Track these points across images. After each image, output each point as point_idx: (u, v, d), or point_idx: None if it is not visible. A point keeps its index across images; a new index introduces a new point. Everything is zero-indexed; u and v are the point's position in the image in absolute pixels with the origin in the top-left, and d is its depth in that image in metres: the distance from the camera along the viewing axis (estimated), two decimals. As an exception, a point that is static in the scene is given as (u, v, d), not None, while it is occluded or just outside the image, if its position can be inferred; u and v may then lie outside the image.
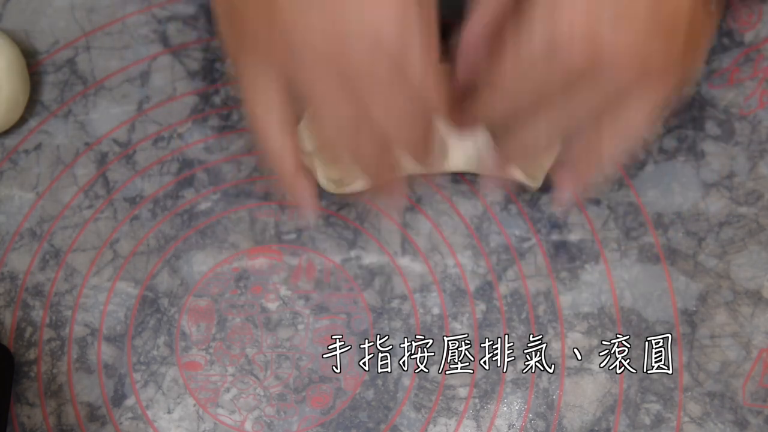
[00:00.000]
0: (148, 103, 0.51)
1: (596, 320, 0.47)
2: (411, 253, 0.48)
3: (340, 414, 0.46)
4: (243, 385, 0.46)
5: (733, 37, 0.51)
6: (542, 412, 0.46)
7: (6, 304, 0.48)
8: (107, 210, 0.49)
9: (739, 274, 0.48)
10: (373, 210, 0.49)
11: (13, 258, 0.48)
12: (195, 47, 0.52)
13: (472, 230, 0.49)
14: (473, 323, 0.47)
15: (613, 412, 0.46)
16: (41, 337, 0.47)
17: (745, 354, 0.46)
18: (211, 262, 0.48)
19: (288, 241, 0.49)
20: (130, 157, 0.50)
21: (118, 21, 0.52)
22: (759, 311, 0.47)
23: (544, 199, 0.49)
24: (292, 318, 0.47)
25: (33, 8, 0.52)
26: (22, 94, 0.49)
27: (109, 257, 0.48)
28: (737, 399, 0.46)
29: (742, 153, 0.50)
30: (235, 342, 0.47)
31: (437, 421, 0.46)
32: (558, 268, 0.48)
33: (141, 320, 0.47)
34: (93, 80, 0.51)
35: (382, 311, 0.47)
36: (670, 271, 0.48)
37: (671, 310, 0.47)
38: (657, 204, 0.49)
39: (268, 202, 0.49)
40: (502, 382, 0.46)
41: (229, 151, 0.50)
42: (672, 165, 0.50)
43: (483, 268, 0.48)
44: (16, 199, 0.49)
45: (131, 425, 0.46)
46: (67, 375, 0.47)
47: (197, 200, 0.49)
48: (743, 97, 0.51)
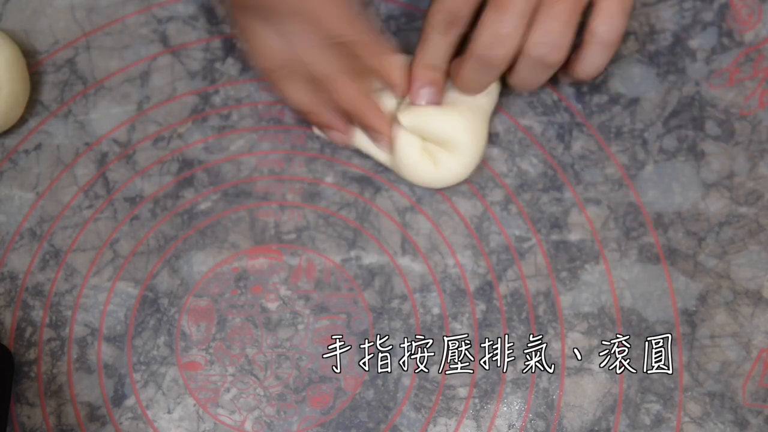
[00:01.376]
0: (148, 103, 0.51)
1: (596, 320, 0.47)
2: (411, 253, 0.48)
3: (340, 414, 0.46)
4: (243, 385, 0.47)
5: (733, 37, 0.51)
6: (542, 412, 0.46)
7: (6, 304, 0.48)
8: (107, 210, 0.49)
9: (739, 274, 0.48)
10: (373, 210, 0.49)
11: (13, 258, 0.48)
12: (195, 47, 0.52)
13: (472, 230, 0.49)
14: (473, 323, 0.47)
15: (613, 412, 0.46)
16: (41, 337, 0.47)
17: (745, 354, 0.46)
18: (211, 262, 0.48)
19: (288, 241, 0.49)
20: (130, 157, 0.50)
21: (118, 21, 0.52)
22: (759, 311, 0.47)
23: (544, 199, 0.49)
24: (292, 318, 0.47)
25: (33, 8, 0.52)
26: (22, 94, 0.49)
27: (109, 257, 0.48)
28: (737, 399, 0.46)
29: (742, 153, 0.50)
30: (235, 342, 0.47)
31: (437, 421, 0.46)
32: (558, 268, 0.48)
33: (141, 320, 0.47)
34: (93, 80, 0.51)
35: (382, 311, 0.47)
36: (670, 271, 0.48)
37: (671, 310, 0.47)
38: (657, 204, 0.49)
39: (268, 202, 0.49)
40: (502, 382, 0.46)
41: (229, 151, 0.50)
42: (672, 165, 0.50)
43: (483, 268, 0.48)
44: (16, 199, 0.49)
45: (131, 425, 0.46)
46: (67, 375, 0.47)
47: (197, 200, 0.49)
48: (743, 97, 0.51)
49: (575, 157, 0.50)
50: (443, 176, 0.48)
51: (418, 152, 0.47)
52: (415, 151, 0.47)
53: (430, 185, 0.49)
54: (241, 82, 0.51)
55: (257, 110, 0.51)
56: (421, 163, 0.47)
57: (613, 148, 0.50)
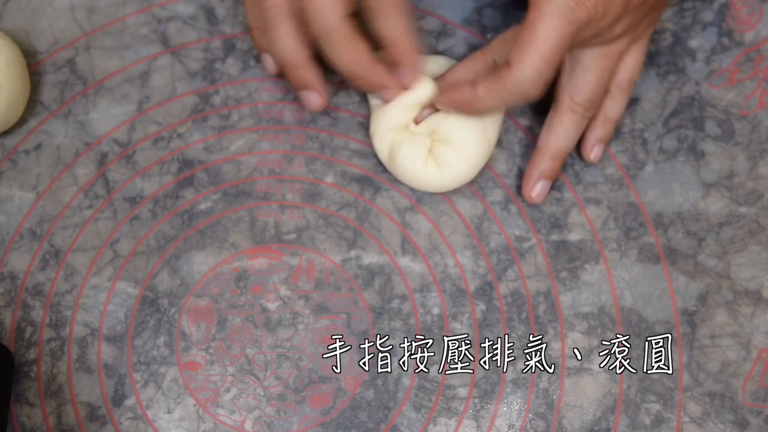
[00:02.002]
0: (148, 103, 0.51)
1: (596, 320, 0.47)
2: (411, 253, 0.48)
3: (340, 414, 0.46)
4: (243, 385, 0.46)
5: (733, 37, 0.51)
6: (542, 412, 0.46)
7: (6, 304, 0.48)
8: (107, 210, 0.49)
9: (739, 274, 0.48)
10: (373, 210, 0.49)
11: (13, 258, 0.48)
12: (195, 47, 0.52)
13: (472, 230, 0.49)
14: (473, 323, 0.47)
15: (613, 412, 0.46)
16: (41, 337, 0.47)
17: (745, 354, 0.46)
18: (211, 262, 0.48)
19: (288, 241, 0.49)
20: (130, 157, 0.50)
21: (118, 21, 0.52)
22: (759, 311, 0.47)
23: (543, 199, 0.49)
24: (292, 318, 0.47)
25: (33, 8, 0.52)
26: (22, 94, 0.49)
27: (109, 257, 0.48)
28: (737, 399, 0.46)
29: (742, 153, 0.50)
30: (235, 342, 0.47)
31: (437, 421, 0.46)
32: (558, 268, 0.48)
33: (141, 320, 0.47)
34: (93, 80, 0.51)
35: (382, 311, 0.47)
36: (670, 271, 0.48)
37: (671, 310, 0.47)
38: (657, 204, 0.49)
39: (268, 202, 0.49)
40: (502, 382, 0.46)
41: (229, 151, 0.50)
42: (672, 165, 0.50)
43: (483, 268, 0.48)
44: (16, 199, 0.49)
45: (131, 425, 0.46)
46: (67, 375, 0.47)
47: (197, 200, 0.49)
48: (743, 97, 0.51)
49: (575, 157, 0.50)
50: (448, 179, 0.48)
51: (423, 160, 0.47)
52: (419, 159, 0.47)
53: (435, 190, 0.49)
54: (241, 82, 0.51)
55: (257, 110, 0.51)
56: (425, 168, 0.47)
57: (613, 148, 0.50)
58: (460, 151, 0.47)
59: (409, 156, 0.47)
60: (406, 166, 0.48)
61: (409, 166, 0.48)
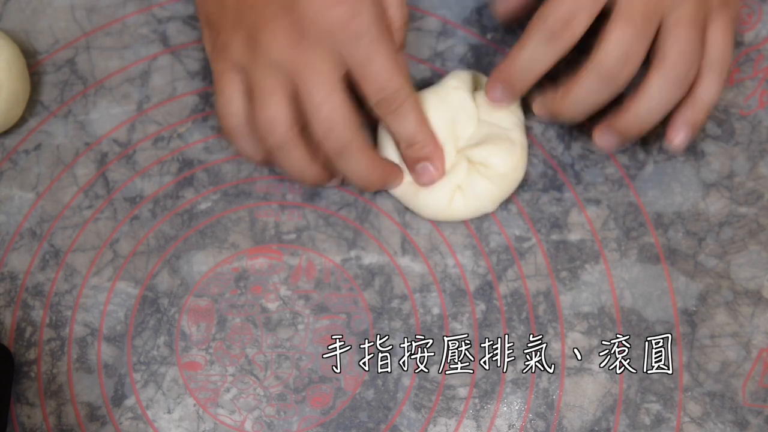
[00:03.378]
0: (148, 103, 0.51)
1: (596, 320, 0.47)
2: (411, 253, 0.48)
3: (340, 414, 0.46)
4: (243, 385, 0.47)
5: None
6: (542, 412, 0.46)
7: (6, 304, 0.48)
8: (107, 210, 0.49)
9: (739, 274, 0.48)
10: (373, 210, 0.49)
11: (13, 258, 0.48)
12: (195, 47, 0.52)
13: (472, 230, 0.49)
14: (473, 323, 0.47)
15: (613, 412, 0.46)
16: (41, 337, 0.47)
17: (745, 354, 0.46)
18: (211, 262, 0.48)
19: (288, 241, 0.49)
20: (130, 157, 0.50)
21: (118, 21, 0.52)
22: (759, 311, 0.47)
23: (543, 199, 0.49)
24: (292, 318, 0.47)
25: (33, 8, 0.52)
26: (22, 94, 0.49)
27: (109, 257, 0.48)
28: (737, 399, 0.46)
29: (742, 153, 0.50)
30: (235, 342, 0.47)
31: (437, 421, 0.46)
32: (558, 268, 0.48)
33: (141, 320, 0.47)
34: (93, 80, 0.51)
35: (382, 311, 0.47)
36: (670, 271, 0.48)
37: (671, 310, 0.47)
38: (657, 204, 0.49)
39: (268, 202, 0.49)
40: (502, 382, 0.46)
41: (229, 151, 0.50)
42: (672, 165, 0.50)
43: (483, 268, 0.48)
44: (16, 199, 0.49)
45: (131, 425, 0.46)
46: (67, 375, 0.47)
47: (197, 200, 0.49)
48: (743, 97, 0.51)
49: (575, 157, 0.50)
50: (474, 209, 0.48)
51: (449, 195, 0.47)
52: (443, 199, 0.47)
53: (458, 219, 0.48)
54: (241, 82, 0.51)
55: (257, 110, 0.51)
56: (449, 204, 0.47)
57: (613, 148, 0.50)
58: (493, 181, 0.47)
59: (432, 197, 0.47)
60: (428, 206, 0.48)
61: (431, 205, 0.47)
